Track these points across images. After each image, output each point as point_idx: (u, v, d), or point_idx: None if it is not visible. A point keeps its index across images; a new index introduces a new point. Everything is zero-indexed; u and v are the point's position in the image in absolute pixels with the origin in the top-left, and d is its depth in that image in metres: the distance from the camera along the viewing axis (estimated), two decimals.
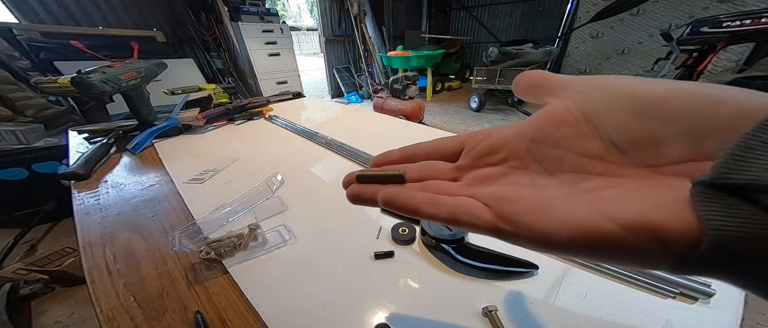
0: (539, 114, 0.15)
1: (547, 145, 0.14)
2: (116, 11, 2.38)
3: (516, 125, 0.16)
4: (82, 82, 0.66)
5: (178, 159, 0.68)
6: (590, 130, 0.12)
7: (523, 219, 0.12)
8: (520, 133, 0.15)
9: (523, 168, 0.15)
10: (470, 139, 0.17)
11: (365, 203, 0.16)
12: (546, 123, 0.14)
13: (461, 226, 0.13)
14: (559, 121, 0.13)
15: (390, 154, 0.19)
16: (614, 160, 0.12)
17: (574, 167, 0.13)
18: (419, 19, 5.26)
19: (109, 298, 0.32)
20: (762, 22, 1.79)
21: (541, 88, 0.15)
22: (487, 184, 0.15)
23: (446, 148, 0.18)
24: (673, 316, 0.28)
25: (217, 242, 0.37)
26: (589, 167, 0.12)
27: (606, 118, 0.12)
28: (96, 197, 0.53)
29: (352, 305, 0.31)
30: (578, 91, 0.13)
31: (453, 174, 0.16)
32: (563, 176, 0.13)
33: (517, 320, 0.28)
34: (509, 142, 0.15)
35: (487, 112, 3.46)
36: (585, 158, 0.13)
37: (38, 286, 1.11)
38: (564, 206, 0.11)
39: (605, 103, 0.12)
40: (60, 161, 1.46)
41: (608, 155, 0.12)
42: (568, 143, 0.13)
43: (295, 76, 3.34)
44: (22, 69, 1.80)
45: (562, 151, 0.13)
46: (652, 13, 3.32)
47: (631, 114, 0.11)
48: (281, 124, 0.90)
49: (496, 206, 0.13)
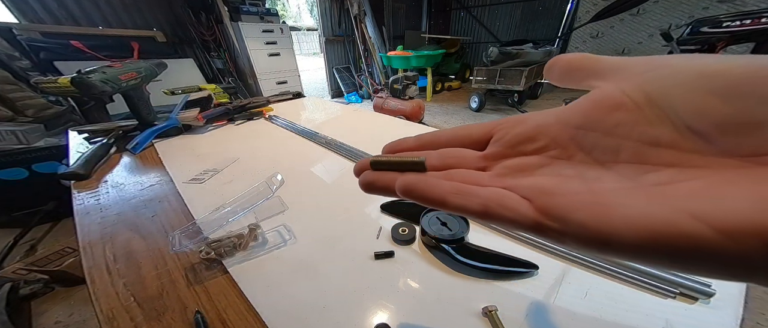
0: (585, 99, 0.13)
1: (598, 132, 0.12)
2: (116, 11, 2.38)
3: (554, 111, 0.14)
4: (82, 82, 0.66)
5: (178, 159, 0.68)
6: (656, 115, 0.11)
7: (575, 215, 0.10)
8: (560, 120, 0.13)
9: (566, 158, 0.13)
10: (500, 126, 0.15)
11: (380, 192, 0.14)
12: (595, 109, 0.12)
13: (496, 221, 0.11)
14: (613, 106, 0.12)
15: (405, 142, 0.17)
16: (689, 147, 0.10)
17: (634, 157, 0.11)
18: (419, 19, 5.26)
19: (109, 298, 0.32)
20: (762, 22, 1.79)
21: (583, 72, 0.14)
22: (524, 175, 0.13)
23: (470, 136, 0.16)
24: (673, 316, 0.28)
25: (217, 242, 0.37)
26: (653, 157, 0.11)
27: (680, 100, 0.10)
28: (96, 197, 0.53)
29: (352, 305, 0.31)
30: (635, 73, 0.12)
31: (480, 163, 0.14)
32: (620, 168, 0.11)
33: (517, 320, 0.28)
34: (548, 130, 0.13)
35: (487, 112, 3.46)
36: (649, 147, 0.11)
37: (38, 286, 1.11)
38: (629, 201, 0.10)
39: (678, 84, 0.10)
40: (60, 161, 1.46)
41: (682, 143, 0.10)
42: (626, 130, 0.11)
43: (295, 76, 3.34)
44: (22, 69, 1.80)
45: (619, 140, 0.11)
46: (652, 13, 3.32)
47: (717, 94, 0.09)
48: (281, 125, 0.90)
49: (538, 200, 0.11)
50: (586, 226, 0.10)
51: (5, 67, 1.71)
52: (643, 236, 0.08)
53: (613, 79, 0.12)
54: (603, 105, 0.12)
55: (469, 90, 3.85)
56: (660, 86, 0.11)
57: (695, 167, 0.10)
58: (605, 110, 0.12)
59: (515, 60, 3.13)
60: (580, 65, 0.14)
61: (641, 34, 3.47)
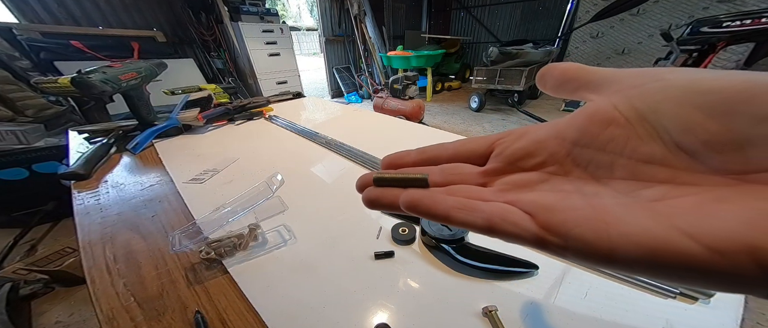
0: (580, 113, 0.13)
1: (592, 148, 0.12)
2: (116, 11, 2.38)
3: (552, 125, 0.14)
4: (82, 82, 0.66)
5: (178, 159, 0.68)
6: (647, 131, 0.11)
7: (576, 231, 0.10)
8: (558, 135, 0.13)
9: (563, 174, 0.13)
10: (500, 141, 0.15)
11: (383, 208, 0.15)
12: (589, 123, 0.12)
13: (499, 235, 0.12)
14: (606, 121, 0.12)
15: (406, 156, 0.17)
16: (681, 165, 0.10)
17: (629, 173, 0.11)
18: (419, 19, 5.26)
19: (109, 298, 0.32)
20: (762, 22, 1.79)
21: (577, 83, 0.14)
22: (525, 190, 0.13)
23: (472, 151, 0.16)
24: (673, 316, 0.28)
25: (217, 242, 0.37)
26: (646, 174, 0.11)
27: (668, 116, 0.10)
28: (96, 197, 0.53)
29: (352, 305, 0.31)
30: (627, 86, 0.12)
31: (480, 179, 0.15)
32: (616, 184, 0.11)
33: (517, 320, 0.28)
34: (546, 145, 0.14)
35: (487, 112, 3.46)
36: (642, 164, 0.11)
37: (38, 286, 1.11)
38: (627, 218, 0.10)
39: (666, 99, 0.10)
40: (60, 161, 1.47)
41: (673, 160, 0.10)
42: (619, 146, 0.11)
43: (295, 76, 3.34)
44: (23, 69, 1.80)
45: (613, 157, 0.12)
46: (652, 13, 3.32)
47: (704, 112, 0.09)
48: (281, 125, 0.90)
49: (540, 215, 0.11)
50: (587, 241, 0.10)
51: (5, 67, 1.71)
52: (640, 253, 0.09)
53: (605, 93, 0.12)
54: (596, 120, 0.12)
55: (469, 90, 3.85)
56: (649, 101, 0.11)
57: (686, 183, 0.10)
58: (598, 125, 0.12)
59: (515, 60, 3.12)
60: (573, 76, 0.14)
61: (641, 34, 3.47)
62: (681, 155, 0.10)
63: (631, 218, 0.10)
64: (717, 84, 0.10)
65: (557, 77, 0.14)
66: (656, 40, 3.19)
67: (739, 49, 2.58)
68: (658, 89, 0.11)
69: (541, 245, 0.11)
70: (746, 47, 2.17)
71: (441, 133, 0.78)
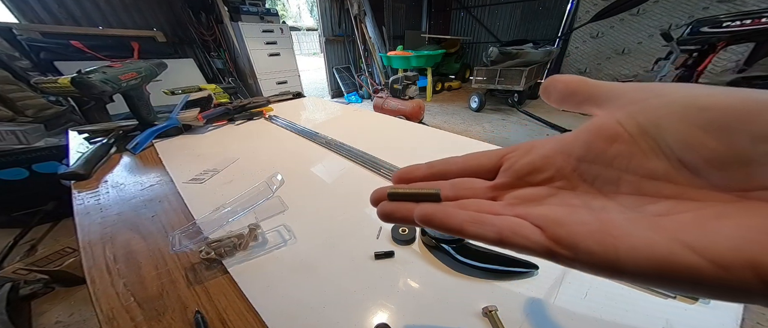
0: (585, 128, 0.13)
1: (599, 164, 0.12)
2: (116, 11, 2.38)
3: (559, 139, 0.14)
4: (82, 82, 0.66)
5: (178, 159, 0.68)
6: (650, 147, 0.11)
7: (584, 244, 0.11)
8: (564, 150, 0.14)
9: (571, 189, 0.13)
10: (508, 156, 0.16)
11: (398, 221, 0.15)
12: (594, 139, 0.12)
13: (510, 247, 0.12)
14: (610, 137, 0.12)
15: (416, 170, 0.17)
16: (685, 181, 0.10)
17: (634, 189, 0.11)
18: (419, 19, 5.26)
19: (109, 298, 0.32)
20: (762, 22, 1.79)
21: (581, 97, 0.14)
22: (533, 204, 0.13)
23: (480, 166, 0.16)
24: (673, 316, 0.28)
25: (217, 242, 0.37)
26: (651, 190, 0.11)
27: (670, 132, 0.10)
28: (96, 197, 0.53)
29: (352, 305, 0.31)
30: (629, 101, 0.12)
31: (490, 193, 0.15)
32: (622, 199, 0.12)
33: (517, 320, 0.28)
34: (553, 161, 0.14)
35: (487, 112, 3.46)
36: (646, 180, 0.11)
37: (38, 286, 1.11)
38: (633, 232, 0.10)
39: (668, 115, 0.11)
40: (60, 161, 1.47)
41: (676, 176, 0.11)
42: (624, 162, 0.12)
43: (295, 76, 3.34)
44: (23, 69, 1.80)
45: (618, 172, 0.12)
46: (652, 13, 3.32)
47: (705, 129, 0.10)
48: (281, 125, 0.90)
49: (550, 229, 0.12)
50: (595, 254, 0.10)
51: (5, 67, 1.71)
52: (646, 265, 0.09)
53: (609, 107, 0.13)
54: (601, 135, 0.12)
55: (469, 90, 3.85)
56: (652, 117, 0.11)
57: (690, 199, 0.10)
58: (603, 141, 0.12)
59: (515, 60, 3.12)
60: (576, 89, 0.14)
61: (641, 34, 3.47)
62: (684, 171, 0.10)
63: (638, 232, 0.10)
64: (716, 101, 0.10)
65: (561, 90, 0.15)
66: (656, 40, 3.19)
67: (739, 49, 2.58)
68: (660, 105, 0.11)
69: (551, 256, 0.11)
70: (746, 47, 2.17)
71: (441, 133, 0.78)
